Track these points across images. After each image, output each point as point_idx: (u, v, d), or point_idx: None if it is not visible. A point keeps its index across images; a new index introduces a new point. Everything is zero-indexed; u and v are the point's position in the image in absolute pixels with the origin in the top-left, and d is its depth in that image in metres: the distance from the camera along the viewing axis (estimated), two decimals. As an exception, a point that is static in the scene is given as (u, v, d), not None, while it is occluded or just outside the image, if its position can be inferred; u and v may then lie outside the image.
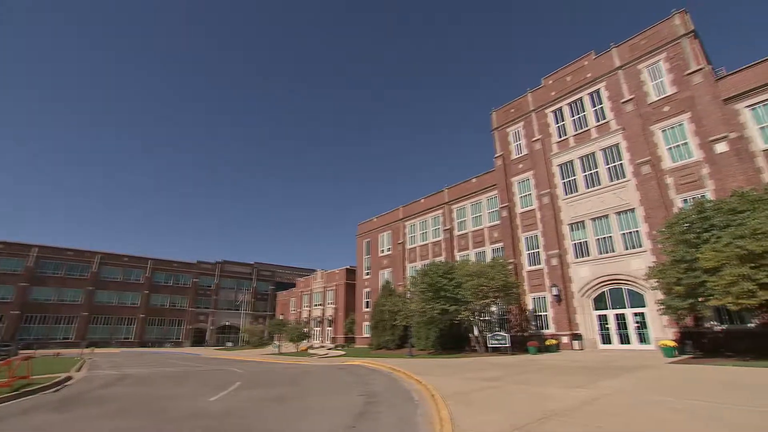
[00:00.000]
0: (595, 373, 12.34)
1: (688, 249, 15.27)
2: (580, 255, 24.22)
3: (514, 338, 24.17)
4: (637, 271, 20.84)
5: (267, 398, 10.62)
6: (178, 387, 13.64)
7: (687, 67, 21.64)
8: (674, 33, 22.65)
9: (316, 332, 53.55)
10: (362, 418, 7.77)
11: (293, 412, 8.72)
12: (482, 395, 9.51)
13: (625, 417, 6.65)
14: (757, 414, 6.41)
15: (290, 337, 41.98)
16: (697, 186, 20.16)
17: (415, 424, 7.13)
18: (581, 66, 26.98)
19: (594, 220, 23.94)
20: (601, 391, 9.18)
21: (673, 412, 6.85)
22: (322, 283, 55.55)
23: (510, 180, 29.79)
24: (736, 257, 13.07)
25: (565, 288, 24.16)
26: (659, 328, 19.95)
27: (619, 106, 24.10)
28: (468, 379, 12.47)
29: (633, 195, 22.35)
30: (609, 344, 22.07)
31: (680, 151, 21.26)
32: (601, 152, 24.52)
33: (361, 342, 41.86)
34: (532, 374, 13.07)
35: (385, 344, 32.90)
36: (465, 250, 32.92)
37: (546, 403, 8.02)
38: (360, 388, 12.17)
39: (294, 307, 62.52)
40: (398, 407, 8.79)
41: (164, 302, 66.33)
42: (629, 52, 24.48)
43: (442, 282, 24.01)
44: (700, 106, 20.68)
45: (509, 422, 6.56)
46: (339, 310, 50.35)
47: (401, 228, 40.70)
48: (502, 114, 31.85)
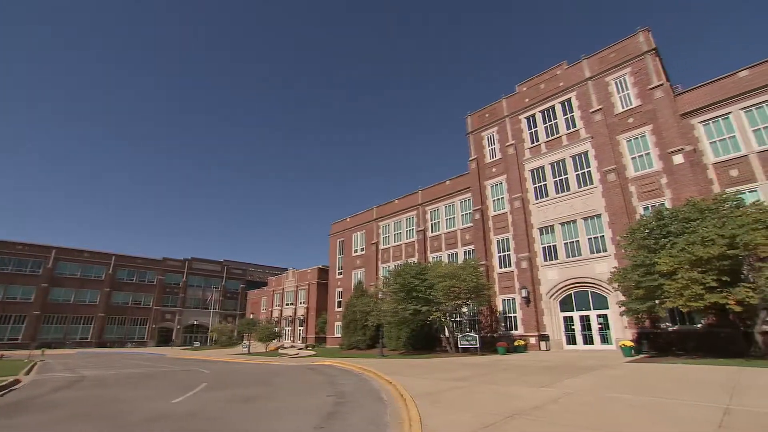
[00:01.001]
0: (560, 373, 12.73)
1: (647, 254, 16.05)
2: (549, 258, 24.98)
3: (484, 339, 24.63)
4: (602, 275, 21.69)
5: (234, 399, 10.32)
6: (140, 389, 13.03)
7: (649, 82, 22.77)
8: (639, 49, 23.78)
9: (287, 332, 52.75)
10: (331, 418, 7.68)
11: (261, 412, 8.52)
12: (451, 395, 9.61)
13: (585, 414, 6.89)
14: (703, 408, 6.80)
15: (260, 337, 41.11)
16: (656, 194, 21.23)
17: (384, 425, 7.10)
18: (554, 75, 27.87)
19: (563, 225, 24.76)
20: (564, 389, 9.48)
21: (629, 408, 7.17)
22: (294, 283, 54.76)
23: (483, 183, 30.37)
24: (688, 262, 13.87)
25: (534, 290, 24.85)
26: (620, 329, 20.86)
27: (588, 116, 25.05)
28: (438, 379, 12.59)
29: (599, 201, 23.27)
30: (574, 345, 22.87)
31: (643, 161, 22.32)
32: (571, 159, 25.40)
33: (332, 342, 41.55)
34: (500, 374, 13.34)
35: (357, 344, 32.79)
36: (438, 251, 33.29)
37: (513, 402, 8.19)
38: (330, 388, 12.04)
39: (265, 307, 61.33)
40: (367, 407, 8.75)
41: (127, 300, 63.38)
42: (598, 64, 25.50)
43: (414, 283, 24.17)
44: (660, 119, 21.81)
45: (477, 421, 6.65)
46: (311, 309, 49.78)
47: (375, 228, 40.69)
48: (478, 118, 32.44)
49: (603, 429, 5.89)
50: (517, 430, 6.03)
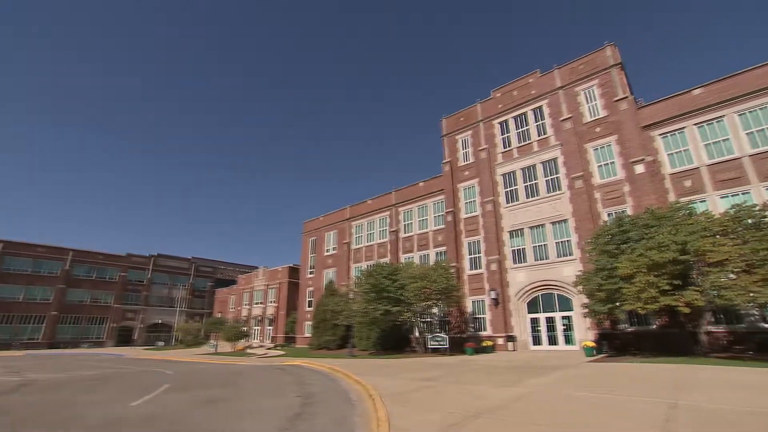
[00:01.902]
0: (525, 372, 13.11)
1: (609, 259, 16.80)
2: (518, 261, 25.66)
3: (453, 339, 24.99)
4: (568, 278, 22.47)
5: (197, 401, 10.01)
6: (95, 392, 12.37)
7: (615, 94, 23.86)
8: (606, 62, 24.87)
9: (256, 331, 51.68)
10: (298, 419, 7.58)
11: (225, 414, 8.30)
12: (420, 395, 9.70)
13: (546, 412, 7.13)
14: (653, 403, 7.20)
15: (227, 336, 40.02)
16: (619, 202, 22.25)
17: (352, 425, 7.08)
18: (527, 83, 28.68)
19: (532, 229, 25.50)
20: (529, 388, 9.77)
21: (587, 405, 7.49)
22: (264, 281, 53.70)
23: (456, 186, 30.84)
24: (645, 266, 14.63)
25: (503, 292, 25.45)
26: (583, 330, 21.70)
27: (558, 123, 25.93)
28: (407, 380, 12.67)
29: (567, 207, 24.12)
30: (539, 345, 23.59)
31: (608, 169, 23.33)
32: (541, 165, 26.20)
33: (301, 342, 41.04)
34: (468, 374, 13.57)
35: (326, 344, 32.55)
36: (410, 252, 33.54)
37: (479, 401, 8.36)
38: (297, 388, 11.89)
39: (233, 305, 59.79)
40: (336, 408, 8.70)
41: (84, 298, 59.76)
42: (569, 74, 26.46)
43: (386, 283, 24.22)
44: (624, 130, 22.88)
45: (444, 420, 6.75)
46: (280, 308, 48.98)
47: (348, 228, 40.53)
48: (452, 121, 32.93)
49: (561, 426, 6.12)
50: (482, 429, 6.16)
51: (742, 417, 6.13)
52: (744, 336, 17.27)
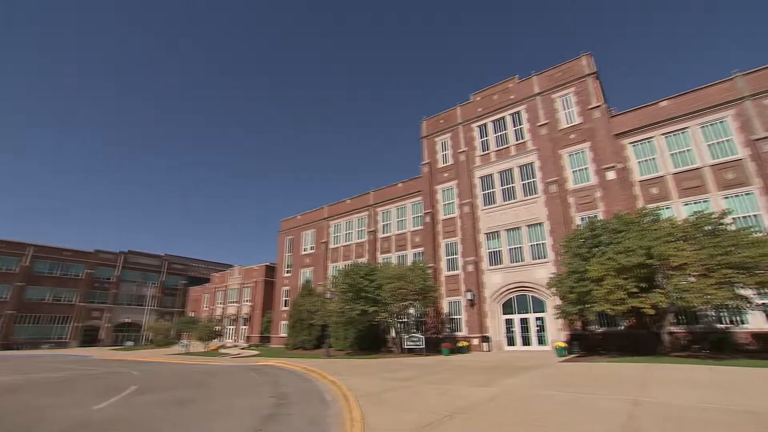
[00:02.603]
0: (499, 373, 13.37)
1: (581, 262, 17.32)
2: (494, 263, 26.13)
3: (429, 340, 25.21)
4: (541, 280, 23.01)
5: (166, 402, 9.72)
6: (56, 395, 11.82)
7: (589, 103, 24.66)
8: (581, 71, 25.68)
9: (230, 331, 50.61)
10: (270, 420, 7.48)
11: (195, 416, 8.10)
12: (395, 395, 9.74)
13: (518, 410, 7.31)
14: (618, 401, 7.50)
15: (200, 336, 39.00)
16: (592, 207, 23.00)
17: (326, 425, 7.05)
18: (506, 88, 29.26)
19: (508, 231, 26.01)
20: (502, 388, 9.98)
21: (557, 404, 7.72)
22: (239, 280, 52.66)
23: (435, 187, 31.14)
24: (614, 270, 15.19)
25: (479, 293, 25.85)
26: (555, 331, 22.30)
27: (535, 129, 26.57)
28: (382, 379, 12.70)
29: (542, 210, 24.73)
30: (513, 346, 24.08)
31: (581, 175, 24.07)
32: (518, 169, 26.77)
33: (277, 342, 40.46)
34: (443, 374, 13.73)
35: (302, 344, 32.23)
36: (387, 252, 33.63)
37: (454, 401, 8.47)
38: (271, 389, 11.73)
39: (207, 304, 58.32)
40: (310, 408, 8.63)
41: (45, 296, 56.59)
42: (547, 81, 27.17)
43: (363, 283, 24.18)
44: (597, 137, 23.68)
45: (419, 420, 6.81)
46: (256, 308, 48.14)
47: (326, 227, 40.26)
48: (432, 124, 33.23)
49: (532, 424, 6.28)
50: (456, 428, 6.25)
51: (696, 413, 6.51)
52: (701, 335, 18.21)
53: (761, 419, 5.96)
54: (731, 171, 19.67)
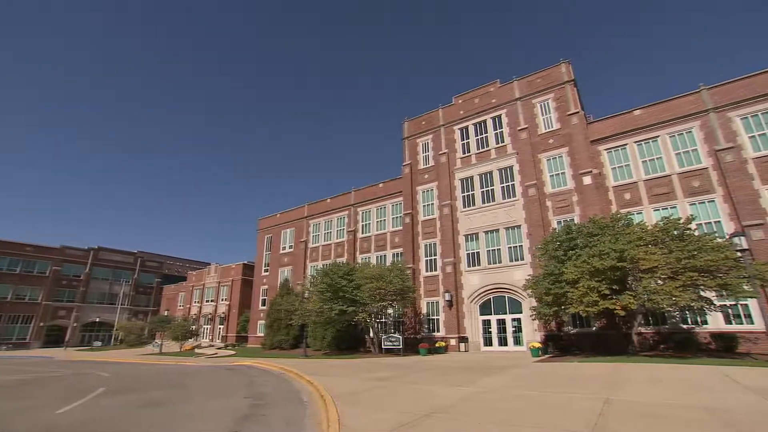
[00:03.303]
0: (475, 373, 13.56)
1: (557, 264, 17.75)
2: (472, 264, 26.48)
3: (407, 340, 25.32)
4: (519, 282, 23.42)
5: (138, 404, 9.42)
6: (15, 400, 11.22)
7: (568, 109, 25.32)
8: (560, 78, 26.35)
9: (206, 330, 49.56)
10: (247, 420, 7.37)
11: (168, 418, 7.89)
12: (372, 395, 9.75)
13: (494, 410, 7.43)
14: (590, 399, 7.73)
15: (174, 335, 37.92)
16: (568, 210, 23.61)
17: (303, 426, 7.00)
18: (488, 91, 29.71)
19: (486, 233, 26.41)
20: (478, 388, 10.12)
21: (531, 403, 7.89)
22: (216, 278, 51.61)
23: (415, 188, 31.31)
24: (588, 272, 15.64)
25: (457, 294, 26.14)
26: (531, 331, 22.77)
27: (515, 133, 27.07)
28: (360, 380, 12.69)
29: (520, 213, 25.22)
30: (490, 346, 24.46)
31: (559, 179, 24.68)
32: (498, 172, 27.21)
33: (254, 341, 39.85)
34: (420, 374, 13.82)
35: (280, 344, 31.87)
36: (367, 252, 33.62)
37: (431, 401, 8.54)
38: (248, 389, 11.55)
39: (182, 303, 56.90)
40: (286, 409, 8.55)
41: (5, 294, 53.54)
42: (527, 87, 27.73)
43: (341, 283, 24.08)
44: (574, 143, 24.34)
45: (395, 420, 6.83)
46: (233, 307, 47.30)
47: (305, 226, 39.92)
48: (414, 125, 33.41)
49: (507, 422, 6.41)
50: (432, 428, 6.30)
51: (660, 409, 6.81)
52: (667, 336, 18.99)
53: (717, 414, 6.31)
54: (697, 179, 20.59)
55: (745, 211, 18.78)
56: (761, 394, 7.84)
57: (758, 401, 7.23)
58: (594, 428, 5.79)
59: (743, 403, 7.14)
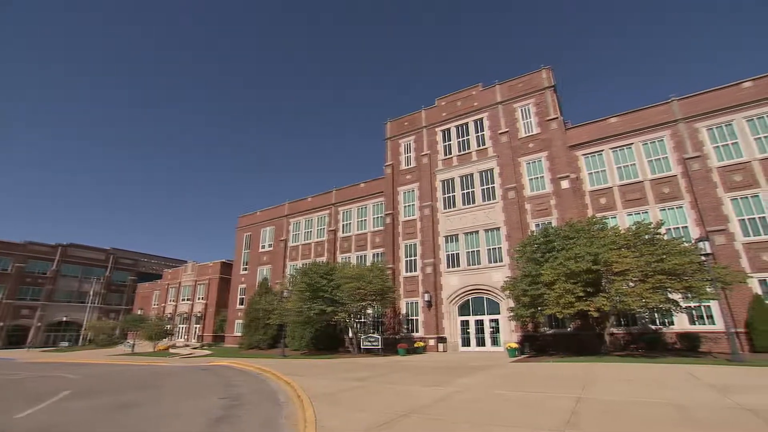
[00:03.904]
0: (453, 373, 13.70)
1: (534, 266, 18.11)
2: (452, 265, 26.73)
3: (386, 340, 25.35)
4: (497, 283, 23.76)
5: (106, 407, 9.10)
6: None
7: (547, 114, 25.90)
8: (541, 84, 26.93)
9: (182, 330, 48.30)
10: (221, 422, 7.23)
11: (138, 421, 7.65)
12: (350, 395, 9.72)
13: (470, 409, 7.54)
14: (563, 398, 7.93)
15: (148, 335, 36.82)
16: (546, 214, 24.13)
17: (279, 426, 6.92)
18: (470, 95, 30.08)
19: (466, 235, 26.72)
20: (455, 388, 10.23)
21: (507, 402, 8.04)
22: (193, 277, 50.39)
23: (397, 189, 31.40)
24: (564, 275, 16.03)
25: (436, 295, 26.34)
26: (508, 332, 23.15)
27: (497, 136, 27.49)
28: (338, 380, 12.64)
29: (499, 216, 25.62)
30: (468, 347, 24.74)
31: (538, 183, 25.19)
32: (479, 174, 27.57)
33: (231, 341, 39.11)
34: (398, 374, 13.87)
35: (258, 344, 31.40)
36: (347, 252, 33.52)
37: (408, 401, 8.59)
38: (223, 390, 11.34)
39: (157, 302, 55.33)
40: (262, 409, 8.43)
41: (-38, 291, 50.82)
42: (508, 91, 28.22)
43: (321, 282, 23.92)
44: (553, 148, 24.91)
45: (372, 420, 6.83)
46: (210, 306, 46.27)
47: (285, 225, 39.49)
48: (397, 125, 33.50)
49: (483, 422, 6.50)
50: (409, 427, 6.34)
51: (628, 406, 7.10)
52: (637, 336, 19.69)
53: (681, 411, 6.60)
54: (667, 186, 21.44)
55: (709, 217, 19.69)
56: (721, 391, 8.23)
57: (718, 398, 7.58)
58: (567, 426, 5.95)
59: (704, 400, 7.48)
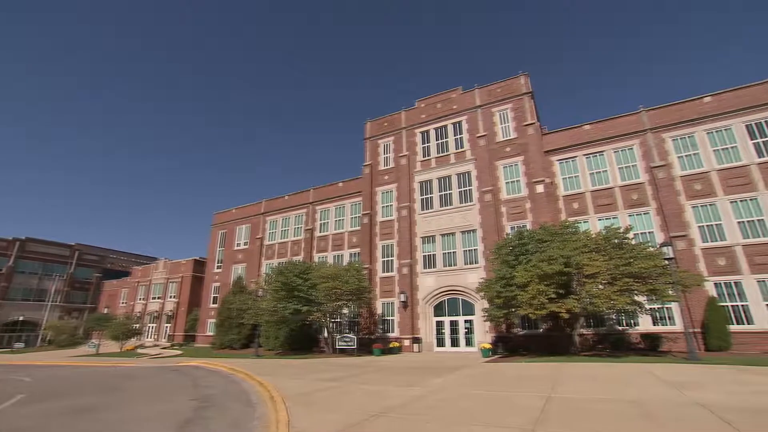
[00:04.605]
0: (427, 373, 13.80)
1: (508, 268, 18.50)
2: (428, 266, 26.96)
3: (362, 340, 25.32)
4: (472, 284, 24.07)
5: (64, 412, 8.66)
6: None
7: (524, 120, 26.52)
8: (519, 90, 27.56)
9: (151, 329, 46.72)
10: (189, 425, 7.02)
11: (99, 425, 7.32)
12: (323, 395, 9.65)
13: (443, 408, 7.62)
14: (534, 397, 8.14)
15: (114, 335, 35.29)
16: (521, 217, 24.68)
17: (250, 429, 6.77)
18: (449, 97, 30.45)
19: (443, 236, 27.01)
20: (429, 388, 10.32)
21: (479, 401, 8.18)
22: (164, 274, 48.84)
23: (375, 189, 31.43)
24: (537, 276, 16.45)
25: (412, 295, 26.51)
26: (482, 333, 23.55)
27: (475, 139, 27.93)
28: (312, 380, 12.52)
29: (476, 218, 26.03)
30: (443, 347, 25.00)
31: (514, 186, 25.73)
32: (456, 176, 27.93)
33: (203, 341, 38.13)
34: (373, 374, 13.86)
35: (231, 344, 30.75)
36: (324, 251, 33.30)
37: (382, 401, 8.59)
38: (193, 391, 11.03)
39: (125, 300, 53.34)
40: (233, 411, 8.24)
41: None
42: (487, 95, 28.72)
43: (297, 282, 23.66)
44: (530, 152, 25.53)
45: (346, 420, 6.80)
46: (182, 304, 44.97)
47: (262, 223, 38.87)
48: (376, 126, 33.53)
49: (456, 421, 6.58)
50: (381, 427, 6.34)
51: (593, 404, 7.38)
52: (604, 337, 20.46)
53: (640, 407, 6.93)
54: (635, 192, 22.37)
55: (673, 223, 20.71)
56: (677, 388, 8.69)
57: (675, 395, 7.98)
58: (536, 423, 6.10)
59: (662, 397, 7.89)
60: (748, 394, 8.01)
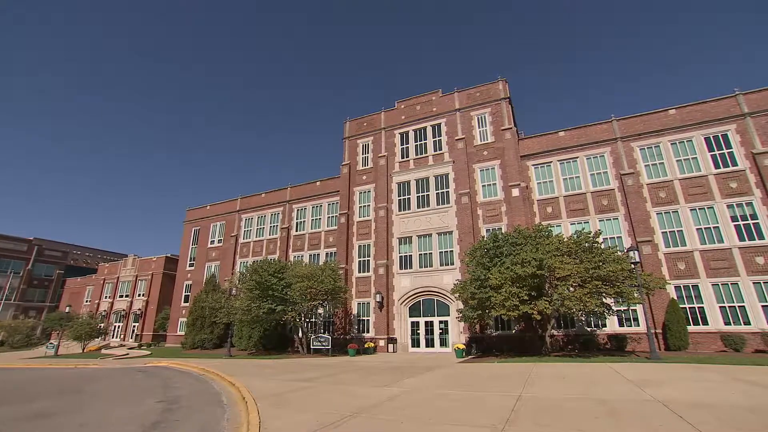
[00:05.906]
0: (402, 373, 13.86)
1: (483, 270, 18.81)
2: (405, 267, 27.10)
3: (336, 341, 25.18)
4: (447, 285, 24.39)
5: (17, 418, 8.15)
6: None
7: (502, 124, 27.08)
8: (497, 95, 28.12)
9: (118, 329, 44.90)
10: (156, 428, 6.78)
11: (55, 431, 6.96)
12: (296, 396, 9.54)
13: (416, 408, 7.67)
14: (505, 397, 8.31)
15: (76, 335, 33.62)
16: (497, 220, 25.17)
17: (219, 430, 6.62)
18: (429, 100, 30.72)
19: (420, 237, 27.21)
20: (403, 388, 10.36)
21: (452, 401, 8.28)
22: (133, 271, 47.08)
23: (353, 189, 31.37)
24: (510, 278, 16.82)
25: (388, 296, 26.57)
26: (457, 333, 23.85)
27: (453, 142, 28.29)
28: (285, 381, 12.36)
29: (452, 220, 26.35)
30: (418, 347, 25.18)
31: (490, 190, 26.22)
32: (434, 178, 28.21)
33: (174, 340, 36.97)
34: (347, 375, 13.81)
35: (202, 343, 30.01)
36: (300, 250, 32.98)
37: (356, 401, 8.56)
38: (161, 393, 10.67)
39: (90, 298, 51.09)
40: (203, 413, 8.02)
41: None
42: (466, 99, 29.15)
43: (271, 281, 23.32)
44: (506, 156, 26.08)
45: (319, 421, 6.74)
46: (151, 303, 43.47)
47: (237, 220, 38.12)
48: (355, 125, 33.48)
49: (428, 421, 6.64)
50: (355, 428, 6.32)
51: (561, 403, 7.62)
52: (574, 338, 21.15)
53: (605, 404, 7.20)
54: (606, 198, 23.24)
55: (639, 228, 21.64)
56: (639, 386, 9.09)
57: (637, 393, 8.35)
58: (507, 422, 6.23)
59: (625, 394, 8.24)
60: (702, 390, 8.50)
